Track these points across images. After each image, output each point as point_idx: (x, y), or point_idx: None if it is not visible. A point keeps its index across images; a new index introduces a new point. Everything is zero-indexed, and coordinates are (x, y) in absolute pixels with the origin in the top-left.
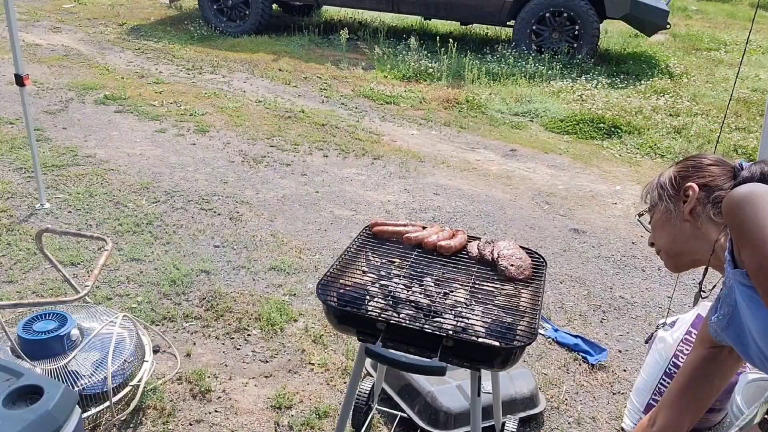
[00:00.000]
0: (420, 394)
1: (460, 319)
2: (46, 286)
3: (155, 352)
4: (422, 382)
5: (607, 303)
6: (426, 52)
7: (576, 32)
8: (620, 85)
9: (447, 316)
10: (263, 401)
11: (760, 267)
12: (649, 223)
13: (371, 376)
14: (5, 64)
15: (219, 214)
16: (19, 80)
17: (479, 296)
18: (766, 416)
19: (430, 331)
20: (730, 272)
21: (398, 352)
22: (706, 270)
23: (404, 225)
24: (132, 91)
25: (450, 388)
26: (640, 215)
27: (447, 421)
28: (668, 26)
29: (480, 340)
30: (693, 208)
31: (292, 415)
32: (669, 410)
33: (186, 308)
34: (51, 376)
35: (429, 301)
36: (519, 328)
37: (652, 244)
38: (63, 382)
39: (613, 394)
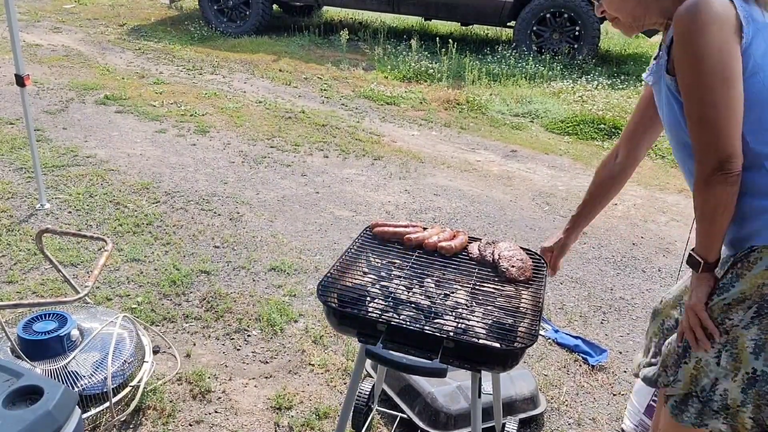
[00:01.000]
0: (420, 394)
1: (461, 321)
2: (46, 286)
3: (155, 352)
4: (422, 382)
5: (607, 304)
6: (426, 52)
7: (576, 33)
8: (621, 86)
9: (448, 317)
10: (263, 402)
11: (690, 88)
12: None
13: (371, 377)
14: (6, 64)
15: (219, 215)
16: (20, 80)
17: (480, 297)
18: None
19: (430, 332)
20: (663, 73)
21: (399, 354)
22: (664, 33)
23: (405, 226)
24: (132, 91)
25: (450, 388)
26: None
27: (447, 422)
28: None
29: (481, 341)
30: None
31: (292, 416)
32: (628, 141)
33: (186, 309)
34: (51, 377)
35: (430, 303)
36: (520, 329)
37: (603, 12)
38: (63, 382)
39: (614, 395)
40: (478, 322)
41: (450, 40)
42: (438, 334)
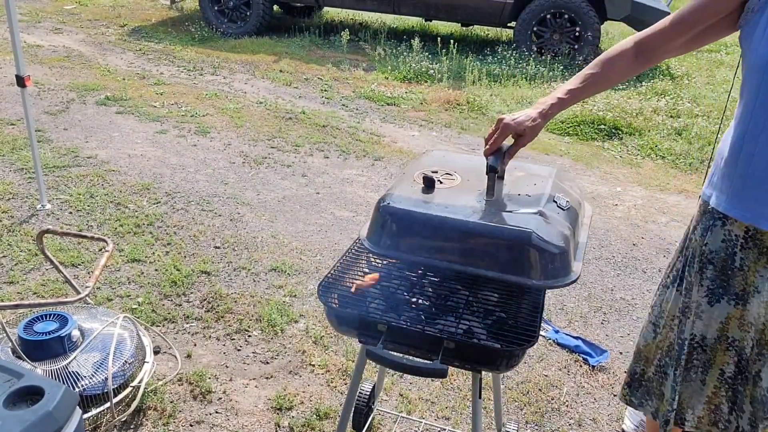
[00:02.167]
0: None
1: (462, 321)
2: (47, 287)
3: (156, 353)
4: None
5: (607, 304)
6: (427, 53)
7: (577, 34)
8: (621, 87)
9: (448, 318)
10: (264, 402)
11: None
12: None
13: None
14: (6, 65)
15: (220, 215)
16: (20, 81)
17: (480, 298)
18: None
19: (431, 333)
20: None
21: (399, 354)
22: None
23: None
24: (133, 92)
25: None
26: None
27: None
28: None
29: (481, 342)
30: None
31: (293, 417)
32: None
33: (186, 309)
34: (52, 377)
35: (430, 303)
36: (520, 329)
37: None
38: (64, 383)
39: (614, 395)
40: (478, 322)
41: (450, 40)
42: (438, 335)
